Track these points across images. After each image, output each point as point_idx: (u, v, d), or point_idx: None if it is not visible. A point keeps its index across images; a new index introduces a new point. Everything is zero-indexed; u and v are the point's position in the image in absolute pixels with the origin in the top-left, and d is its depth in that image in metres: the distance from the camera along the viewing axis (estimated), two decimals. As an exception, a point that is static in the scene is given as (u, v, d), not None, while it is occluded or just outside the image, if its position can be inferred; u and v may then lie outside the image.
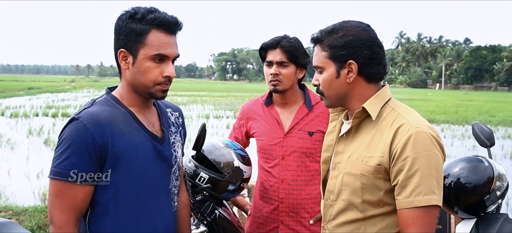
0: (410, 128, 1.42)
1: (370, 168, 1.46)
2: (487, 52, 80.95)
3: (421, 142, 1.40)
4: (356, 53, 1.49)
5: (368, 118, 1.52)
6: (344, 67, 1.51)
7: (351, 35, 1.50)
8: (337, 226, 1.56)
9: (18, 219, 4.89)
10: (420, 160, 1.39)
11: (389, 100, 1.54)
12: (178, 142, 1.77)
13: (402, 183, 1.41)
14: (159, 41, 1.56)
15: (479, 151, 7.26)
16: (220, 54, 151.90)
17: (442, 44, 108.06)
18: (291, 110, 2.44)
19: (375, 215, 1.49)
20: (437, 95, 43.25)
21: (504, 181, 2.15)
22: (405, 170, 1.40)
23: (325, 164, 1.66)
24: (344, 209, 1.54)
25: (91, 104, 1.60)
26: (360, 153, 1.50)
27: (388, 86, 1.59)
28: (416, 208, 1.39)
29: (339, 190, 1.55)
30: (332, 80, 1.53)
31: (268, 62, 2.37)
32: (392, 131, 1.44)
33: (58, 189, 1.49)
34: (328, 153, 1.66)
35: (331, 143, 1.66)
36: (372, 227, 1.49)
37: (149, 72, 1.56)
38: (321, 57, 1.55)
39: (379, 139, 1.47)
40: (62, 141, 1.51)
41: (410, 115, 1.48)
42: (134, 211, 1.59)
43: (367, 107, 1.50)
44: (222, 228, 2.25)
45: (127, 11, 1.58)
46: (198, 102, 27.93)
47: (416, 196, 1.39)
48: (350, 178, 1.51)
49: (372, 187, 1.47)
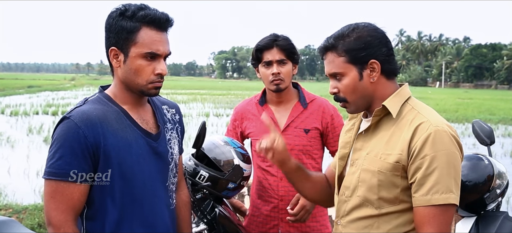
0: (430, 127, 1.42)
1: (388, 165, 1.47)
2: (487, 50, 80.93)
3: (441, 140, 1.40)
4: (376, 52, 1.49)
5: (388, 116, 1.52)
6: (366, 67, 1.50)
7: (367, 35, 1.50)
8: (350, 221, 1.56)
9: (18, 217, 4.89)
10: (439, 159, 1.39)
11: (409, 99, 1.54)
12: (175, 139, 1.76)
13: (420, 181, 1.41)
14: (151, 39, 1.54)
15: (479, 149, 7.24)
16: (220, 52, 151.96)
17: (442, 42, 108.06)
18: (286, 108, 2.44)
19: (390, 213, 1.49)
20: (437, 94, 43.25)
21: (504, 179, 2.15)
22: (423, 168, 1.40)
23: (342, 160, 1.66)
24: (359, 205, 1.54)
25: (83, 102, 1.59)
26: (378, 150, 1.50)
27: (407, 85, 1.60)
28: (433, 206, 1.39)
29: (355, 186, 1.55)
30: (356, 83, 1.52)
31: (267, 62, 2.36)
32: (411, 129, 1.44)
33: (54, 189, 1.48)
34: (346, 149, 1.66)
35: (349, 140, 1.66)
36: (386, 224, 1.49)
37: (140, 70, 1.55)
38: (339, 63, 1.52)
39: (398, 136, 1.47)
40: (54, 141, 1.50)
41: (430, 114, 1.48)
42: (130, 208, 1.58)
43: (387, 105, 1.50)
44: (222, 226, 2.26)
45: (117, 8, 1.56)
46: (198, 100, 27.92)
47: (434, 194, 1.39)
48: (367, 174, 1.51)
49: (389, 184, 1.47)
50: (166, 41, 1.59)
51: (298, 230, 2.40)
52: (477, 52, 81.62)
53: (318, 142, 2.43)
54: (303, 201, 2.27)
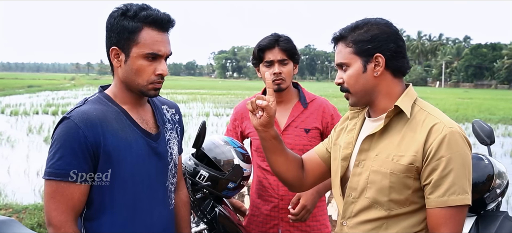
0: (444, 128, 1.42)
1: (401, 167, 1.45)
2: (487, 50, 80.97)
3: (455, 142, 1.41)
4: (382, 47, 1.49)
5: (397, 117, 1.51)
6: (371, 61, 1.50)
7: (376, 29, 1.50)
8: (358, 223, 1.55)
9: (18, 217, 4.90)
10: (455, 160, 1.39)
11: (416, 99, 1.54)
12: (174, 139, 1.75)
13: (436, 182, 1.41)
14: (152, 39, 1.54)
15: (479, 149, 7.23)
16: (220, 52, 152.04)
17: (442, 42, 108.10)
18: (286, 108, 2.45)
19: (400, 214, 1.48)
20: (437, 93, 43.24)
21: (504, 179, 2.15)
22: (439, 169, 1.40)
23: (345, 161, 1.64)
24: (367, 207, 1.52)
25: (82, 103, 1.58)
26: (390, 151, 1.49)
27: (411, 85, 1.59)
28: (449, 207, 1.39)
29: (363, 187, 1.54)
30: (359, 75, 1.52)
31: (269, 62, 2.37)
32: (425, 130, 1.44)
33: (54, 189, 1.48)
34: (348, 150, 1.63)
35: (352, 140, 1.64)
36: (395, 226, 1.49)
37: (142, 70, 1.55)
38: (346, 54, 1.53)
39: (410, 137, 1.46)
40: (55, 141, 1.50)
41: (440, 115, 1.48)
42: (130, 208, 1.58)
43: (400, 105, 1.49)
44: (222, 226, 2.26)
45: (118, 8, 1.56)
46: (198, 100, 27.91)
47: (450, 196, 1.39)
48: (378, 176, 1.50)
49: (401, 186, 1.46)
50: (167, 41, 1.59)
51: (298, 229, 2.40)
52: (477, 51, 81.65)
53: (318, 141, 2.42)
54: (303, 201, 2.27)
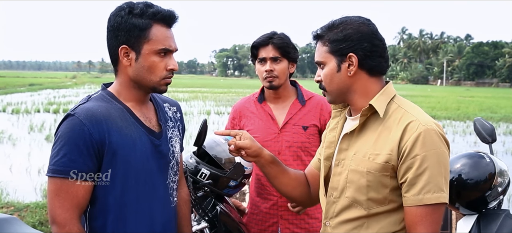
0: (419, 126, 1.41)
1: (377, 166, 1.46)
2: (489, 48, 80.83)
3: (431, 140, 1.40)
4: (355, 46, 1.49)
5: (374, 115, 1.51)
6: (345, 60, 1.51)
7: (351, 28, 1.50)
8: (340, 223, 1.56)
9: (20, 215, 4.91)
10: (430, 158, 1.39)
11: (394, 97, 1.54)
12: (176, 137, 1.76)
13: (411, 181, 1.40)
14: (163, 35, 1.56)
15: (480, 147, 7.25)
16: (221, 50, 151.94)
17: (444, 40, 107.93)
18: (284, 106, 2.47)
19: (379, 213, 1.48)
20: (438, 92, 43.21)
21: (505, 177, 2.15)
22: (414, 168, 1.40)
23: (328, 160, 1.65)
24: (347, 206, 1.53)
25: (86, 100, 1.58)
26: (366, 150, 1.49)
27: (391, 83, 1.59)
28: (425, 206, 1.39)
29: (343, 187, 1.54)
30: (333, 74, 1.53)
31: (262, 59, 2.40)
32: (400, 129, 1.44)
33: (58, 187, 1.47)
34: (331, 149, 1.65)
35: (334, 139, 1.65)
36: (375, 224, 1.49)
37: (154, 67, 1.56)
38: (322, 52, 1.55)
39: (386, 136, 1.46)
40: (59, 138, 1.49)
41: (417, 112, 1.47)
42: (133, 206, 1.58)
43: (374, 104, 1.49)
44: (223, 224, 2.26)
45: (122, 6, 1.55)
46: (199, 98, 27.91)
47: (426, 194, 1.39)
48: (356, 175, 1.50)
49: (378, 184, 1.46)
50: (173, 37, 1.61)
51: (297, 227, 2.41)
52: (479, 50, 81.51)
53: (317, 139, 2.44)
54: None
